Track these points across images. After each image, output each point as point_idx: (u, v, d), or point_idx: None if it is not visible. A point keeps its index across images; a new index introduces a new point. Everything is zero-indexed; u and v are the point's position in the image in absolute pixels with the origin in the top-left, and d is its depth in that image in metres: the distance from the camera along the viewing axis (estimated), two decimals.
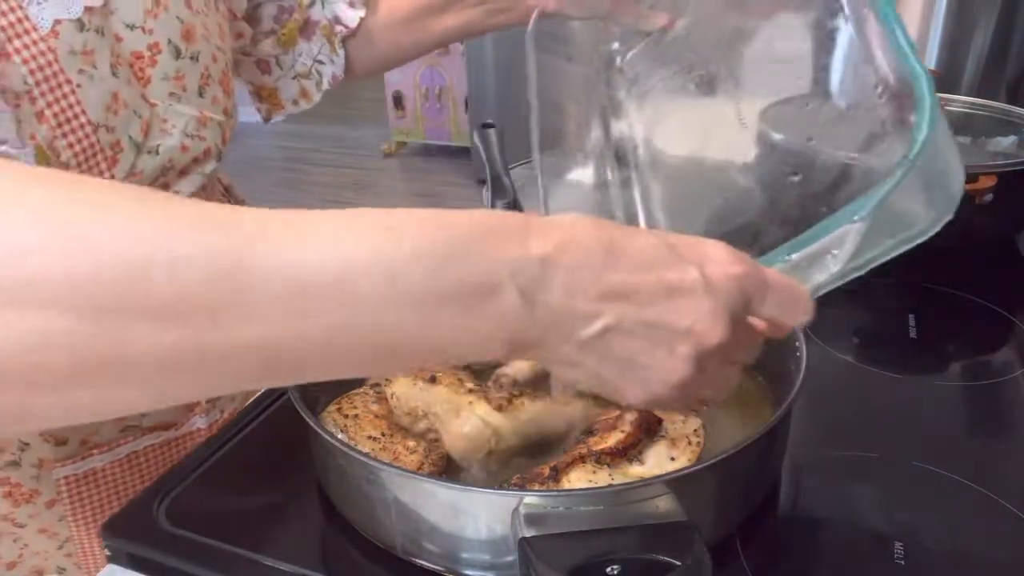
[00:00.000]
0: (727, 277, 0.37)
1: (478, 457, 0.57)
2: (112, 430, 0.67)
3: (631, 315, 0.36)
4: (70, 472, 0.66)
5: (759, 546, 0.53)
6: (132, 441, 0.69)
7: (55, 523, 0.68)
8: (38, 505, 0.67)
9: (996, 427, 0.67)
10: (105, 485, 0.69)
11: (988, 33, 1.16)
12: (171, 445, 0.72)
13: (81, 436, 0.66)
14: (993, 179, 0.82)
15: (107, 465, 0.68)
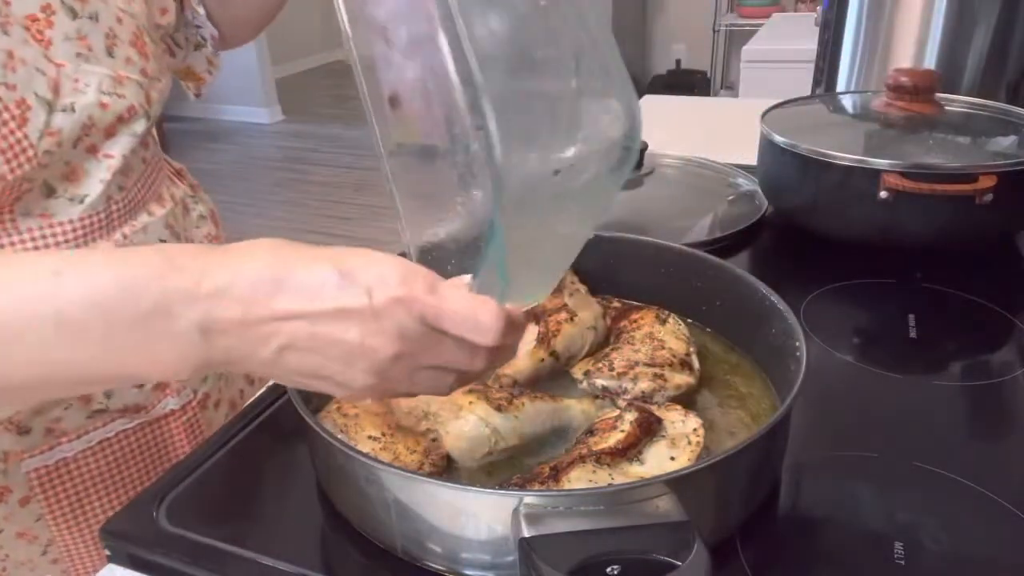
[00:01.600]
0: (392, 300, 0.40)
1: (478, 457, 0.57)
2: (78, 416, 0.65)
3: (303, 335, 0.40)
4: (39, 464, 0.64)
5: (759, 546, 0.53)
6: (101, 427, 0.66)
7: (33, 524, 0.66)
8: (11, 504, 0.64)
9: (996, 427, 0.67)
10: (80, 477, 0.66)
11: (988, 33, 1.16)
12: (144, 429, 0.69)
13: (45, 424, 0.63)
14: (993, 179, 0.82)
15: (78, 455, 0.66)
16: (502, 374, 0.64)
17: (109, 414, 0.67)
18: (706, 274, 0.72)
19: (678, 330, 0.68)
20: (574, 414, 0.60)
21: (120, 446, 0.68)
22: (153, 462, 0.72)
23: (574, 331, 0.68)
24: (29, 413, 0.62)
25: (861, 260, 0.91)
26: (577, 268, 0.77)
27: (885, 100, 1.00)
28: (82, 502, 0.67)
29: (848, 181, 0.88)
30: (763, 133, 0.99)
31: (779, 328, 0.62)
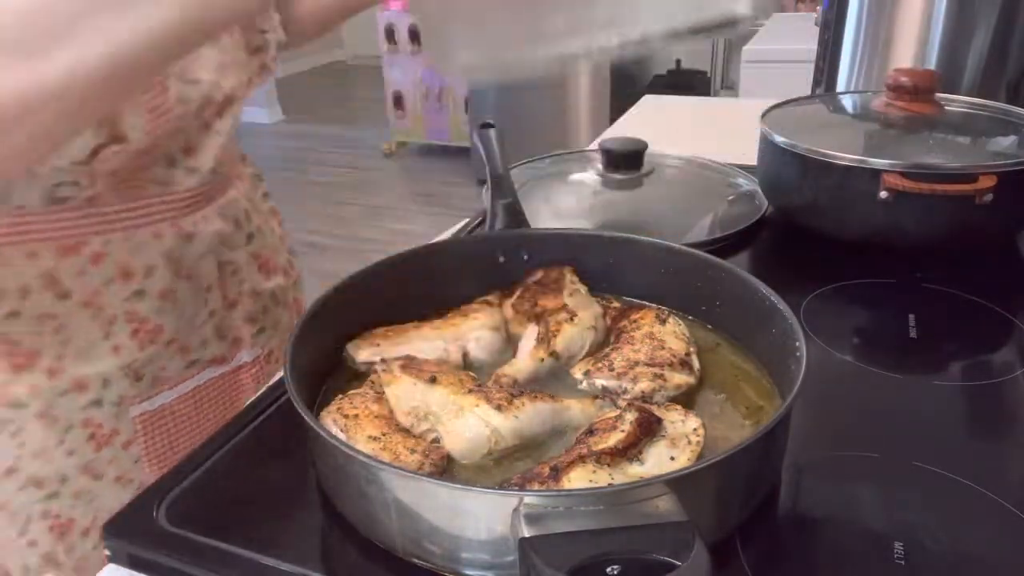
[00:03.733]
0: None
1: (478, 457, 0.57)
2: (178, 366, 0.73)
3: None
4: (145, 409, 0.71)
5: (759, 546, 0.53)
6: (195, 376, 0.74)
7: (131, 467, 0.72)
8: (116, 447, 0.70)
9: (996, 427, 0.67)
10: (173, 421, 0.74)
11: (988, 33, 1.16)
12: (224, 379, 0.78)
13: (153, 373, 0.71)
14: (993, 179, 0.82)
15: (174, 401, 0.73)
16: (502, 374, 0.64)
17: (201, 364, 0.75)
18: (706, 274, 0.72)
19: (678, 330, 0.68)
20: (574, 414, 0.60)
21: (205, 393, 0.77)
22: (226, 408, 0.80)
23: (574, 331, 0.68)
24: (144, 361, 0.70)
25: (861, 260, 0.91)
26: (577, 268, 0.77)
27: (885, 100, 1.00)
28: (172, 445, 0.75)
29: (848, 181, 0.88)
30: (763, 133, 0.99)
31: (779, 328, 0.62)
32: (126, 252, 0.65)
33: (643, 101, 1.79)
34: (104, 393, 0.68)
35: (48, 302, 0.63)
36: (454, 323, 0.70)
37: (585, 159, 1.18)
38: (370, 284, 0.72)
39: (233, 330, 0.78)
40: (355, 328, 0.69)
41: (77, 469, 0.69)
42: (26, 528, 0.68)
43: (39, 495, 0.68)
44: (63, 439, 0.67)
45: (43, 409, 0.66)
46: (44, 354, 0.65)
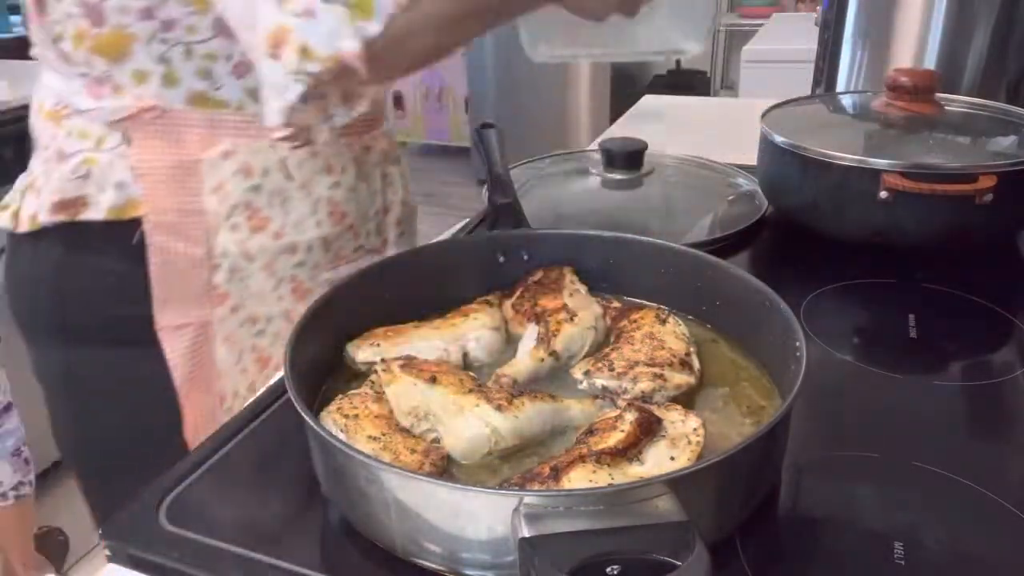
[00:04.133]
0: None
1: (478, 457, 0.57)
2: (350, 248, 0.91)
3: None
4: (330, 276, 0.89)
5: (759, 546, 0.53)
6: (359, 259, 0.92)
7: None
8: (308, 302, 0.79)
9: (996, 427, 0.67)
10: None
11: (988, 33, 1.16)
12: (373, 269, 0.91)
13: (336, 249, 0.89)
14: (993, 179, 0.82)
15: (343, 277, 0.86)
16: (502, 374, 0.64)
17: (363, 251, 0.93)
18: (706, 274, 0.72)
19: (678, 330, 0.68)
20: (574, 414, 0.60)
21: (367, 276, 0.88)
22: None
23: (574, 331, 0.68)
24: (333, 237, 0.88)
25: (861, 260, 0.91)
26: (577, 268, 0.77)
27: (885, 100, 1.00)
28: None
29: (848, 181, 0.88)
30: (763, 133, 1.00)
31: (779, 328, 0.62)
32: (331, 154, 0.86)
33: (643, 101, 1.79)
34: (307, 257, 0.87)
35: (280, 181, 0.83)
36: (454, 323, 0.70)
37: (585, 159, 1.18)
38: (370, 284, 0.72)
39: (385, 230, 0.97)
40: (355, 328, 0.69)
41: (280, 314, 0.87)
42: (240, 358, 0.86)
43: (252, 331, 0.86)
44: (276, 288, 0.86)
45: (266, 263, 0.85)
46: (273, 221, 0.84)
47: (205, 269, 0.82)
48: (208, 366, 0.85)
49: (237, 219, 0.82)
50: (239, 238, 0.82)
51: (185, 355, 0.84)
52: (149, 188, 0.79)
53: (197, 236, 0.81)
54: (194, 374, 0.85)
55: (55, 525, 2.04)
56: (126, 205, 0.79)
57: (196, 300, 0.83)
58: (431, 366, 0.62)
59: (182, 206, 0.80)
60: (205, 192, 0.80)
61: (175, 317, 0.83)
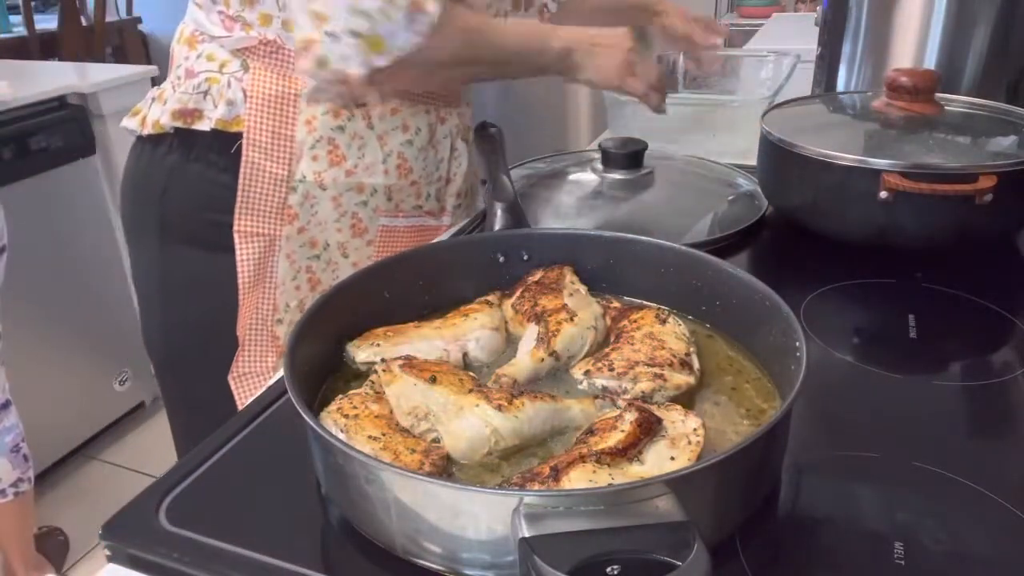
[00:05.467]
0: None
1: (478, 457, 0.57)
2: (411, 204, 1.03)
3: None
4: (386, 223, 1.01)
5: (759, 546, 0.53)
6: (417, 217, 1.04)
7: (365, 260, 1.01)
8: (363, 240, 1.01)
9: (996, 427, 0.67)
10: (398, 240, 1.03)
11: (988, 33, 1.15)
12: (429, 230, 1.07)
13: (398, 200, 1.01)
14: (993, 179, 0.82)
15: (402, 227, 1.03)
16: (502, 374, 0.64)
17: (422, 211, 1.05)
18: (706, 274, 0.72)
19: (678, 330, 0.68)
20: (574, 414, 0.60)
21: (419, 234, 1.05)
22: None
23: (574, 331, 0.68)
24: (396, 188, 1.00)
25: (861, 260, 0.91)
26: (577, 268, 0.77)
27: (885, 100, 1.00)
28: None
29: (848, 181, 0.88)
30: (763, 133, 0.99)
31: (779, 328, 0.62)
32: (409, 114, 0.98)
33: None
34: (370, 199, 0.98)
35: (362, 127, 0.95)
36: (454, 323, 0.70)
37: (585, 159, 1.18)
38: (370, 284, 0.72)
39: (444, 198, 1.07)
40: (355, 328, 0.69)
41: (336, 244, 0.99)
42: (296, 275, 0.99)
43: (310, 253, 0.99)
44: (338, 219, 0.98)
45: (335, 195, 0.96)
46: (348, 159, 0.96)
47: (284, 188, 0.95)
48: (269, 276, 0.98)
49: (319, 151, 0.94)
50: (317, 168, 0.94)
51: (253, 260, 0.96)
52: (254, 109, 0.92)
53: (283, 158, 0.94)
54: (257, 280, 0.98)
55: (55, 525, 2.04)
56: (232, 121, 0.93)
57: (271, 214, 0.95)
58: (431, 366, 0.62)
59: (276, 129, 0.93)
60: (299, 122, 0.93)
61: (251, 224, 0.95)
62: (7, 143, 1.93)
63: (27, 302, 1.90)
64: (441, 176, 1.05)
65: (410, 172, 1.00)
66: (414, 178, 1.01)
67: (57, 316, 2.14)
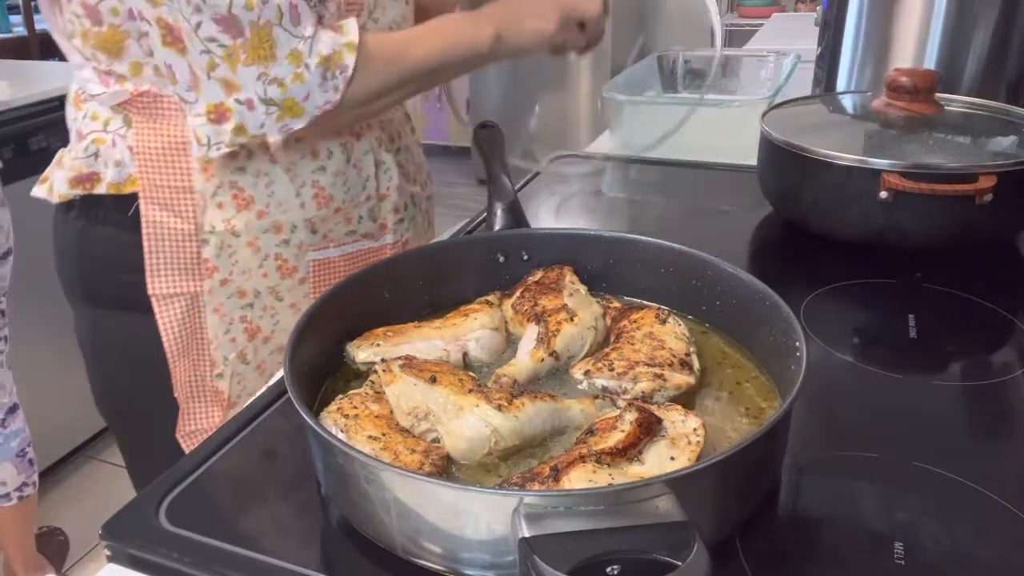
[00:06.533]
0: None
1: (478, 457, 0.57)
2: (341, 231, 0.95)
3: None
4: (316, 257, 0.94)
5: (759, 546, 0.53)
6: (352, 243, 0.97)
7: (302, 298, 0.95)
8: (294, 280, 0.94)
9: (996, 427, 0.67)
10: (334, 273, 0.96)
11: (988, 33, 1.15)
12: (371, 252, 0.99)
13: (324, 231, 0.94)
14: (993, 179, 0.82)
15: (336, 257, 0.96)
16: (502, 374, 0.64)
17: (357, 236, 0.97)
18: (706, 274, 0.72)
19: (678, 330, 0.68)
20: (574, 414, 0.60)
21: (357, 258, 0.98)
22: None
23: (574, 331, 0.68)
24: (319, 220, 0.92)
25: (861, 260, 0.91)
26: (577, 268, 0.77)
27: (885, 100, 1.00)
28: None
29: (848, 181, 0.88)
30: (763, 133, 0.99)
31: (779, 328, 0.62)
32: (317, 138, 0.90)
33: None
34: (292, 236, 0.92)
35: (264, 163, 0.88)
36: (454, 323, 0.70)
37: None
38: (370, 284, 0.72)
39: (382, 216, 1.00)
40: (355, 328, 0.69)
41: (267, 289, 0.93)
42: (229, 328, 0.93)
43: (240, 303, 0.93)
44: (261, 264, 0.91)
45: (252, 240, 0.90)
46: (257, 200, 0.89)
47: (194, 243, 0.89)
48: (199, 334, 0.93)
49: (222, 197, 0.88)
50: (225, 215, 0.88)
51: (176, 322, 0.91)
52: (144, 166, 0.87)
53: (186, 211, 0.88)
54: (185, 340, 0.93)
55: (55, 525, 2.04)
56: (125, 182, 0.88)
57: (187, 272, 0.90)
58: (431, 366, 0.62)
59: (173, 183, 0.87)
60: (194, 171, 0.87)
61: (166, 285, 0.90)
62: (7, 143, 1.93)
63: (27, 303, 1.90)
64: (370, 195, 0.97)
65: (330, 200, 0.93)
66: (337, 205, 0.94)
67: (57, 317, 2.13)
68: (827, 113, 1.13)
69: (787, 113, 1.06)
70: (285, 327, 0.94)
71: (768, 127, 0.98)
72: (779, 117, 1.03)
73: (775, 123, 0.99)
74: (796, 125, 0.99)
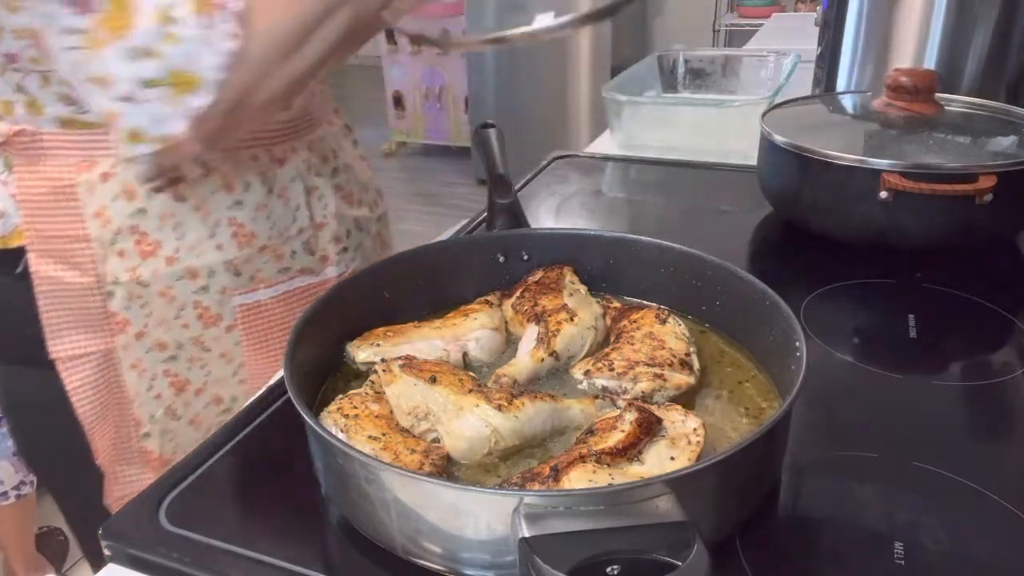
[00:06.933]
0: None
1: (478, 457, 0.57)
2: (272, 270, 0.85)
3: None
4: (243, 301, 0.84)
5: (759, 546, 0.53)
6: (287, 281, 0.86)
7: (232, 347, 0.85)
8: (220, 328, 0.83)
9: (996, 427, 0.67)
10: (268, 316, 0.86)
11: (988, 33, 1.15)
12: (312, 288, 0.89)
13: (250, 272, 0.83)
14: (993, 179, 0.82)
15: (269, 299, 0.86)
16: (502, 374, 0.64)
17: (292, 272, 0.87)
18: (706, 274, 0.72)
19: (678, 330, 0.68)
20: (574, 414, 0.60)
21: (296, 297, 0.88)
22: None
23: (574, 331, 0.68)
24: (242, 260, 0.82)
25: (861, 260, 0.91)
26: (577, 268, 0.77)
27: (885, 100, 1.00)
28: (267, 336, 0.87)
29: (848, 181, 0.88)
30: (763, 133, 0.99)
31: (779, 328, 0.62)
32: (229, 170, 0.79)
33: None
34: (210, 282, 0.81)
35: (168, 203, 0.77)
36: (454, 323, 0.70)
37: None
38: (370, 284, 0.72)
39: (321, 248, 0.89)
40: (355, 328, 0.69)
41: (190, 340, 0.83)
42: (152, 384, 0.83)
43: (162, 357, 0.82)
44: (179, 314, 0.81)
45: (164, 289, 0.79)
46: (165, 245, 0.78)
47: (97, 297, 0.78)
48: (117, 393, 0.82)
49: (123, 244, 0.77)
50: (129, 264, 0.77)
51: (88, 384, 0.81)
52: (30, 216, 0.76)
53: (84, 263, 0.77)
54: (102, 402, 0.82)
55: (55, 525, 2.05)
56: (11, 235, 0.77)
57: (93, 328, 0.79)
58: (431, 366, 0.62)
59: (65, 232, 0.76)
60: (87, 217, 0.75)
61: (71, 347, 0.79)
62: None
63: None
64: (303, 227, 0.86)
65: (253, 238, 0.82)
66: (262, 243, 0.82)
67: None
68: (827, 113, 1.13)
69: (787, 113, 1.06)
70: (219, 377, 0.85)
71: (768, 127, 0.98)
72: (779, 117, 1.03)
73: (775, 123, 0.99)
74: (796, 125, 0.99)
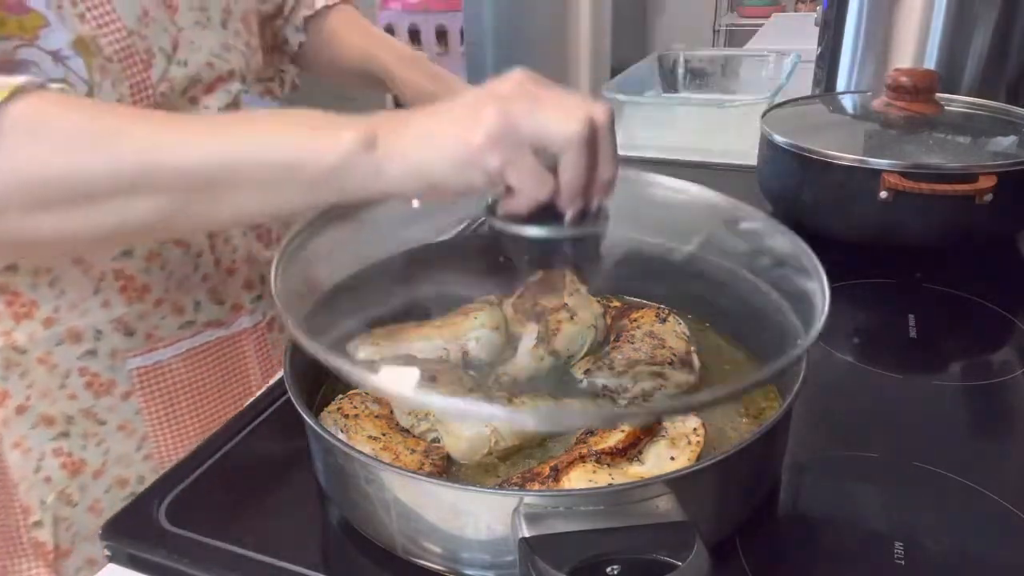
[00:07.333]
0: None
1: (478, 457, 0.57)
2: (172, 325, 0.75)
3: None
4: (140, 363, 0.74)
5: (759, 546, 0.53)
6: (190, 337, 0.76)
7: (132, 416, 0.75)
8: (115, 396, 0.74)
9: (996, 427, 0.67)
10: (172, 379, 0.76)
11: (988, 33, 1.15)
12: (223, 344, 0.79)
13: (146, 329, 0.74)
14: (993, 179, 0.82)
15: (171, 359, 0.76)
16: (502, 374, 0.64)
17: (197, 326, 0.77)
18: (706, 274, 0.72)
19: (678, 329, 0.68)
20: None
21: (204, 355, 0.78)
22: (228, 372, 0.81)
23: (574, 330, 0.68)
24: (134, 317, 0.72)
25: (861, 260, 0.91)
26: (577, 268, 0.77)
27: (885, 100, 1.00)
28: (172, 402, 0.77)
29: (848, 181, 0.88)
30: (763, 133, 0.99)
31: (779, 328, 0.62)
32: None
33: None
34: (98, 344, 0.72)
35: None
36: (454, 323, 0.70)
37: None
38: (370, 284, 0.72)
39: (231, 296, 0.79)
40: (355, 328, 0.69)
41: (80, 412, 0.73)
42: (40, 465, 0.73)
43: (50, 434, 0.73)
44: (64, 383, 0.72)
45: (43, 355, 0.70)
46: (41, 305, 0.69)
47: None
48: (0, 476, 0.74)
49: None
50: (2, 329, 0.69)
51: None
52: None
53: None
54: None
55: None
56: None
57: None
58: (431, 366, 0.62)
59: None
60: None
61: None
62: None
63: None
64: (208, 274, 0.76)
65: (145, 291, 0.72)
66: (157, 296, 0.73)
67: None
68: (827, 113, 1.13)
69: (787, 113, 1.05)
70: (120, 455, 0.75)
71: (768, 127, 0.98)
72: (779, 117, 1.03)
73: (775, 123, 0.99)
74: (796, 125, 0.99)
